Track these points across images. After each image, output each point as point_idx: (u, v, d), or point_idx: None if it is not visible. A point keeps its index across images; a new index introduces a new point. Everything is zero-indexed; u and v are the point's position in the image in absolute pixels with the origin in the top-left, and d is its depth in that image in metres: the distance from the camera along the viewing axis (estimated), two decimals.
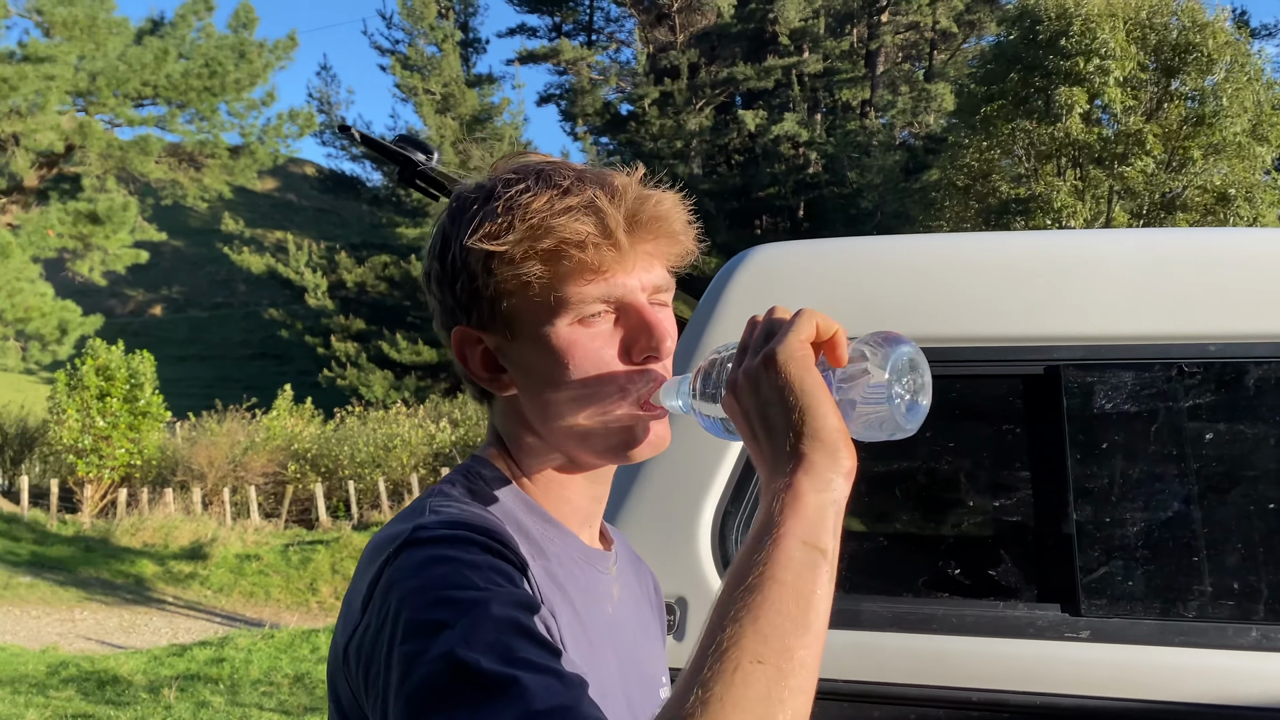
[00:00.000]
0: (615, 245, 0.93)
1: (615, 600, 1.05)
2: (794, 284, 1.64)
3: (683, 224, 1.00)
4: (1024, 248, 1.61)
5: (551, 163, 1.01)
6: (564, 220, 0.93)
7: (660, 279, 0.98)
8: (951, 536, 1.69)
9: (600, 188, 0.95)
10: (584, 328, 0.95)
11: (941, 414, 1.68)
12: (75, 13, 19.96)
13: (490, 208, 0.97)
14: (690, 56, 41.32)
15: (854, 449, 0.80)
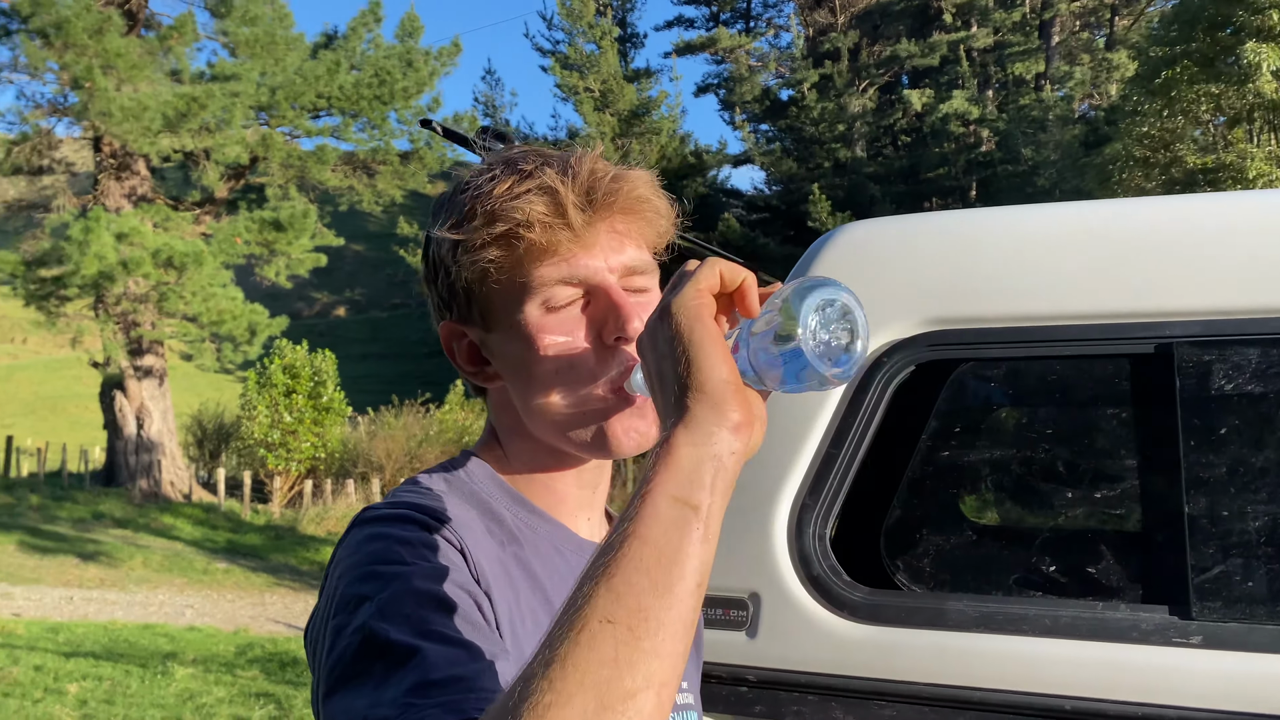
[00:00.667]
0: (569, 225, 0.91)
1: None
2: (885, 261, 1.55)
3: (652, 202, 0.96)
4: (1133, 216, 1.47)
5: (529, 151, 0.99)
6: (515, 203, 0.92)
7: (633, 259, 0.96)
8: (1047, 530, 1.56)
9: (560, 169, 0.93)
10: (552, 313, 0.94)
11: (1040, 397, 1.55)
12: (257, 32, 21.18)
13: (458, 199, 0.97)
14: (851, 38, 40.49)
15: (750, 402, 0.75)
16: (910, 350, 1.46)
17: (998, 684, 1.28)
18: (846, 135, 39.43)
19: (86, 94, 18.60)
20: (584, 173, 0.94)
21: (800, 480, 1.45)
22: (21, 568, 15.76)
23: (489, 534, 0.94)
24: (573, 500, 1.03)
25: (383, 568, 0.80)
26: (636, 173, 0.97)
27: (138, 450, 22.32)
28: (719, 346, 0.75)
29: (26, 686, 8.13)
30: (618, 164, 1.00)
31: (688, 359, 0.74)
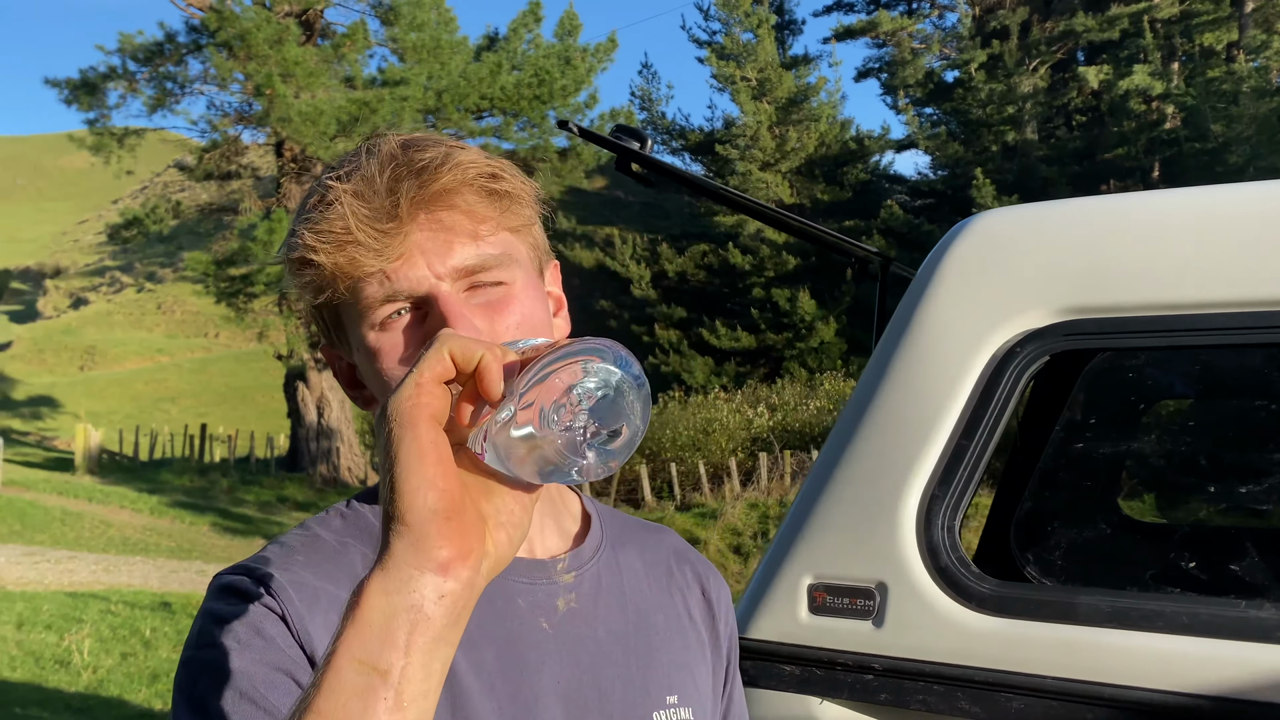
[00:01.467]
0: (360, 241, 0.83)
1: (560, 612, 0.93)
2: (1018, 250, 1.52)
3: (479, 184, 0.86)
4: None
5: (354, 152, 0.90)
6: (306, 226, 0.86)
7: (469, 257, 0.86)
8: (1186, 525, 1.50)
9: (361, 172, 0.85)
10: (384, 331, 0.87)
11: (1181, 388, 1.49)
12: (424, 37, 22.02)
13: (297, 211, 0.92)
14: (1021, 14, 38.89)
15: (468, 532, 0.62)
16: (1044, 340, 1.43)
17: (1130, 680, 1.25)
18: (1016, 116, 37.92)
19: (268, 101, 19.77)
20: (381, 174, 0.85)
21: (929, 471, 1.44)
22: (214, 547, 16.93)
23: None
24: None
25: (193, 652, 0.80)
26: (455, 152, 0.87)
27: (318, 437, 23.61)
28: (428, 462, 0.61)
29: None
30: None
31: (391, 480, 0.61)
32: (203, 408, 43.25)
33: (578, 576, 0.96)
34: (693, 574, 1.07)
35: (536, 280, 0.93)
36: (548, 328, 0.92)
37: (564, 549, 0.98)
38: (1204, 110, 33.98)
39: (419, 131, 0.94)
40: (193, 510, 19.47)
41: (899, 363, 1.52)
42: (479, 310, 0.86)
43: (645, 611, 0.99)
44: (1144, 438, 1.51)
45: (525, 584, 0.92)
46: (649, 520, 1.13)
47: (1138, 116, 37.18)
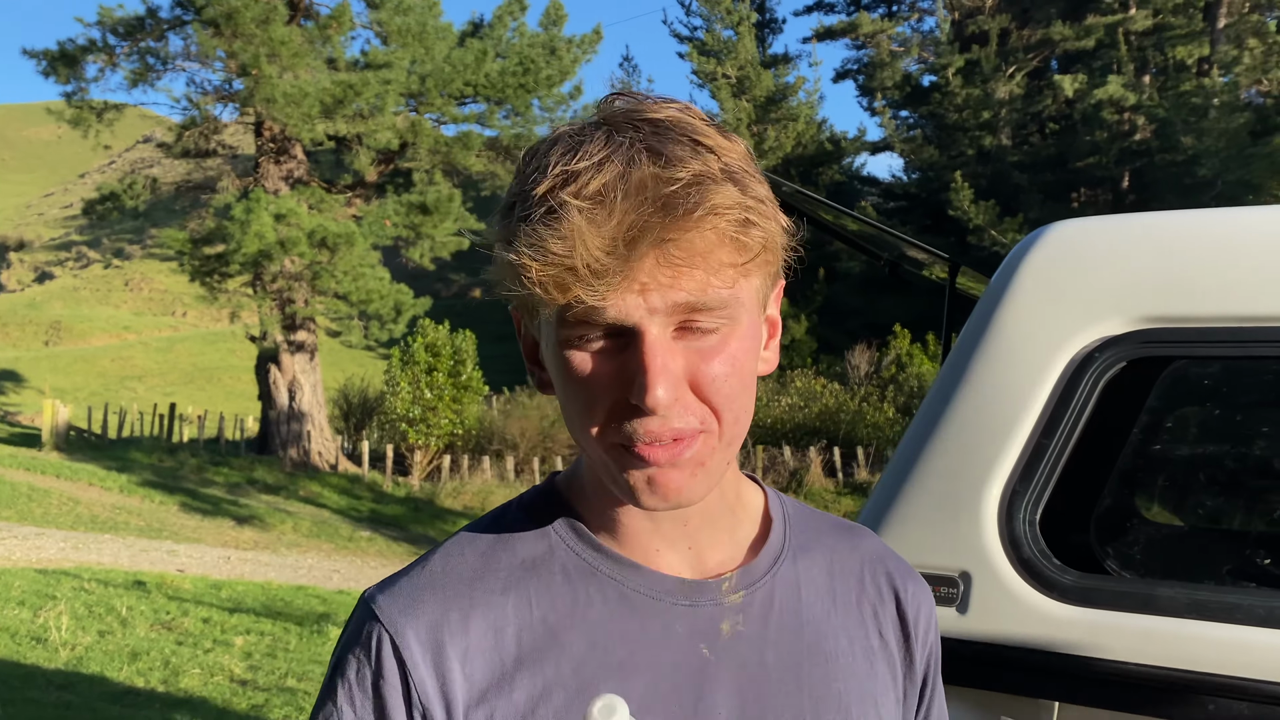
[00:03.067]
0: (591, 275, 0.74)
1: (725, 637, 0.86)
2: (1097, 262, 1.60)
3: (725, 238, 0.76)
4: None
5: (589, 132, 0.79)
6: (523, 239, 0.76)
7: (692, 296, 0.75)
8: (1259, 524, 1.59)
9: (593, 196, 0.74)
10: (576, 350, 0.79)
11: (1254, 396, 1.58)
12: (409, 21, 21.90)
13: (518, 188, 0.81)
14: (1000, 21, 39.27)
15: None
16: (1122, 346, 1.51)
17: (1208, 668, 1.34)
18: (991, 122, 38.31)
19: (252, 81, 19.60)
20: (622, 199, 0.74)
21: (1011, 467, 1.51)
22: (184, 527, 16.81)
23: (528, 605, 0.85)
24: (656, 535, 0.88)
25: (321, 702, 0.83)
26: (710, 186, 0.75)
27: (289, 420, 23.47)
28: None
29: (197, 636, 8.74)
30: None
31: None
32: (169, 387, 42.81)
33: (747, 597, 0.88)
34: (888, 586, 0.97)
35: (757, 320, 0.84)
36: (753, 377, 0.83)
37: (736, 561, 0.90)
38: (1175, 122, 34.46)
39: (664, 104, 0.81)
40: (162, 489, 19.31)
41: (979, 362, 1.59)
42: (683, 355, 0.78)
43: (825, 635, 0.91)
44: (1218, 442, 1.60)
45: (686, 607, 0.86)
46: (837, 518, 1.02)
47: (1110, 126, 37.66)
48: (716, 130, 0.81)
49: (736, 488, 0.92)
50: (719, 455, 0.81)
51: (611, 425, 0.79)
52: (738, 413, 0.81)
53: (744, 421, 0.82)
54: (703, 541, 0.89)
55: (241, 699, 6.83)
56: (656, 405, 0.75)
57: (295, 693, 7.02)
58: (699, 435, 0.79)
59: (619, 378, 0.77)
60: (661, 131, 0.78)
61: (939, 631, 1.02)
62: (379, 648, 0.82)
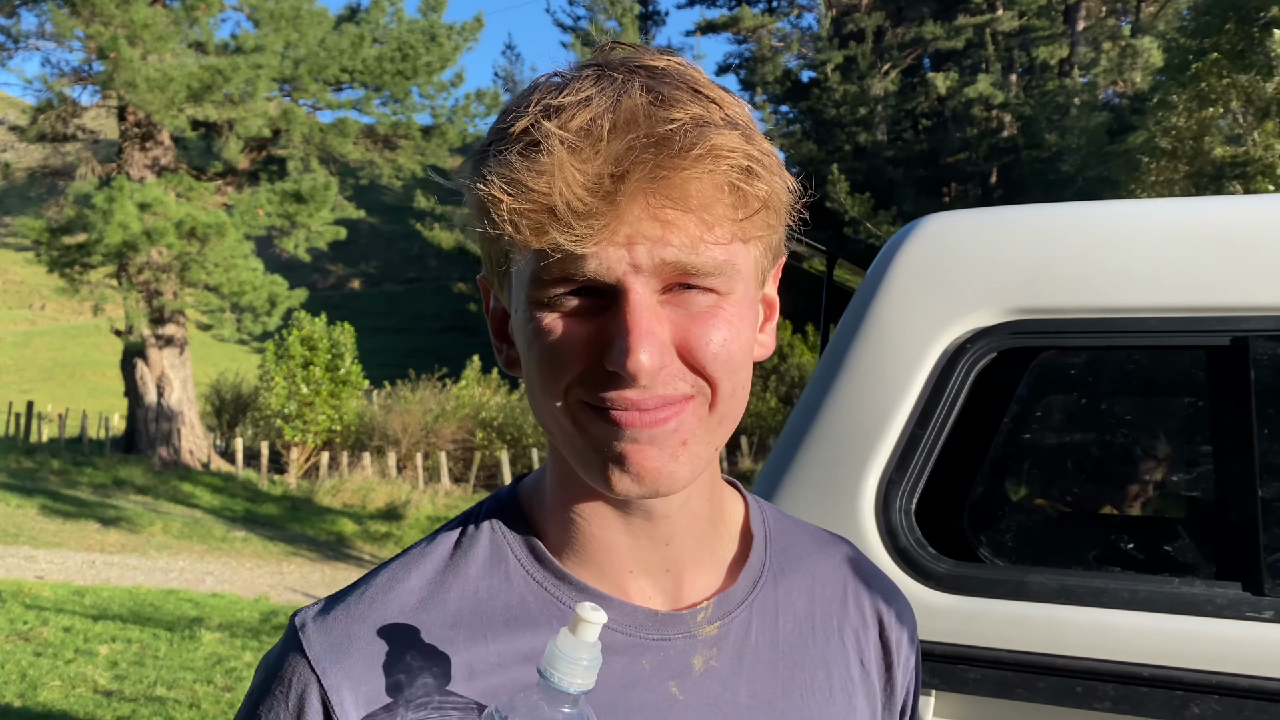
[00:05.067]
0: (572, 216, 0.65)
1: (696, 674, 0.78)
2: (968, 251, 1.62)
3: (725, 187, 0.68)
4: (1209, 213, 1.54)
5: (585, 70, 0.71)
6: (497, 169, 0.68)
7: (682, 254, 0.67)
8: (1123, 511, 1.64)
9: (579, 128, 0.66)
10: (553, 310, 0.70)
11: (1118, 386, 1.63)
12: (282, 5, 21.23)
13: (496, 126, 0.72)
14: (876, 19, 40.29)
15: None
16: (992, 337, 1.54)
17: (1077, 651, 1.37)
18: (868, 118, 39.30)
19: (112, 64, 18.71)
20: (612, 136, 0.65)
21: (886, 457, 1.53)
22: (44, 531, 15.98)
23: (482, 640, 0.76)
24: (616, 554, 0.78)
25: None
26: (711, 130, 0.67)
27: (158, 418, 22.55)
28: None
29: (58, 646, 8.31)
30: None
31: None
32: (27, 384, 40.65)
33: (722, 627, 0.80)
34: (871, 610, 0.90)
35: (754, 293, 0.75)
36: (747, 354, 0.74)
37: (714, 586, 0.82)
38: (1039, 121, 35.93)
39: (664, 54, 0.73)
40: (19, 492, 18.32)
41: (854, 355, 1.60)
42: (671, 321, 0.69)
43: (803, 667, 0.83)
44: (1084, 430, 1.64)
45: (656, 641, 0.78)
46: (819, 529, 0.94)
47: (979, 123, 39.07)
48: (721, 88, 0.73)
49: (720, 496, 0.84)
50: (706, 434, 0.72)
51: (579, 388, 0.70)
52: (735, 386, 0.72)
53: (739, 399, 0.73)
54: (684, 564, 0.80)
55: (106, 711, 6.52)
56: (639, 371, 0.66)
57: (165, 701, 6.74)
58: (687, 403, 0.70)
59: (595, 341, 0.69)
60: (659, 75, 0.70)
61: (920, 652, 0.96)
62: (304, 691, 0.73)
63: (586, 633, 0.65)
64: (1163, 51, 25.79)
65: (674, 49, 0.76)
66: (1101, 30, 40.75)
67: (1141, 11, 39.75)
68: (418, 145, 23.65)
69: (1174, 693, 1.31)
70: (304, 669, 0.74)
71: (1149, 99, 24.37)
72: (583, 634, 0.65)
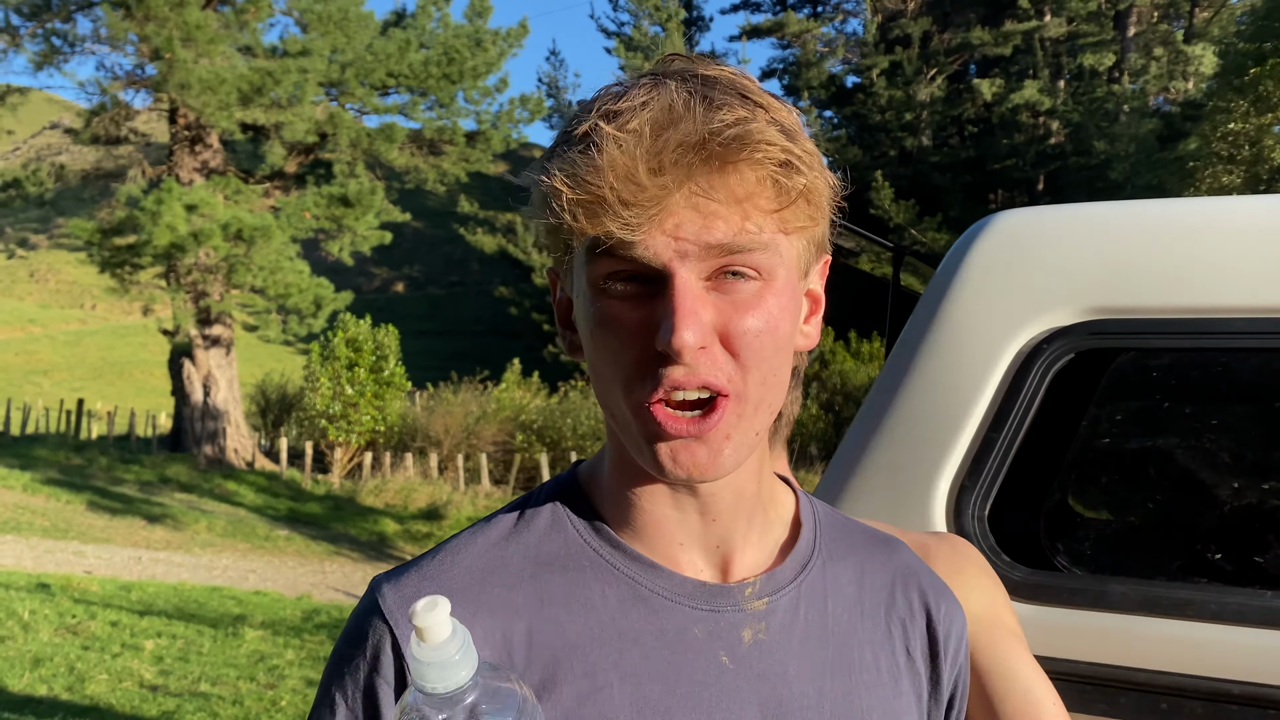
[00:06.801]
0: (620, 205, 0.72)
1: (746, 645, 0.82)
2: (1041, 251, 1.57)
3: (767, 180, 0.74)
4: None
5: (641, 79, 0.78)
6: (556, 165, 0.75)
7: (726, 237, 0.73)
8: (1213, 519, 1.58)
9: (631, 127, 0.73)
10: (607, 296, 0.76)
11: (1206, 390, 1.57)
12: (329, 8, 21.46)
13: (562, 130, 0.80)
14: (922, 24, 39.98)
15: None
16: (1070, 338, 1.48)
17: (1161, 666, 1.31)
18: (913, 124, 38.98)
19: (165, 66, 19.00)
20: (658, 132, 0.72)
21: (959, 462, 1.48)
22: (92, 527, 16.23)
23: (539, 603, 0.81)
24: (666, 528, 0.83)
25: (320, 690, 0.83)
26: (755, 125, 0.73)
27: (203, 417, 22.84)
28: None
29: (104, 641, 8.41)
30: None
31: None
32: (77, 382, 41.40)
33: (770, 604, 0.84)
34: (919, 601, 0.92)
35: (796, 285, 0.80)
36: (789, 342, 0.79)
37: (763, 565, 0.86)
38: (1088, 127, 35.47)
39: (718, 65, 0.80)
40: (68, 488, 18.62)
41: (925, 355, 1.55)
42: (715, 307, 0.75)
43: (851, 647, 0.87)
44: (1168, 434, 1.58)
45: (706, 612, 0.82)
46: (871, 527, 0.98)
47: (1026, 130, 38.63)
48: (772, 95, 0.80)
49: (771, 483, 0.89)
50: (746, 424, 0.78)
51: (637, 380, 0.75)
52: (766, 374, 0.77)
53: (773, 387, 0.79)
54: (732, 541, 0.84)
55: (151, 705, 6.58)
56: (683, 348, 0.72)
57: (209, 698, 6.79)
58: (725, 403, 0.76)
59: (647, 325, 0.74)
60: (711, 83, 0.76)
61: (970, 651, 0.98)
62: (379, 642, 0.80)
63: (428, 635, 0.67)
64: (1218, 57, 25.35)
65: (723, 59, 0.83)
66: (1153, 35, 40.14)
67: (1195, 17, 39.10)
68: (462, 151, 23.79)
69: (1267, 712, 1.25)
70: (379, 622, 0.80)
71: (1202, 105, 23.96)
72: (426, 637, 0.67)
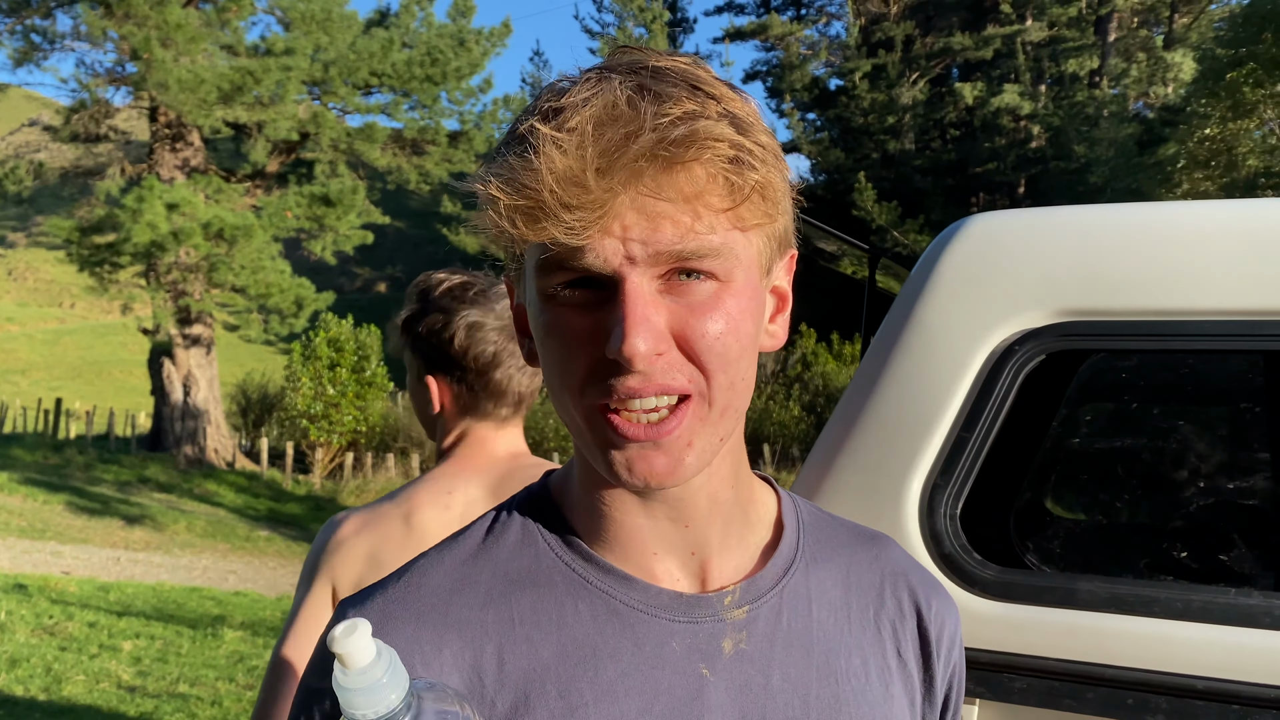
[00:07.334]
0: (562, 209, 0.68)
1: (726, 656, 0.79)
2: (1014, 254, 1.59)
3: (717, 177, 0.70)
4: (1265, 214, 1.50)
5: (584, 76, 0.74)
6: (493, 171, 0.72)
7: (677, 243, 0.69)
8: (1180, 518, 1.60)
9: (569, 125, 0.69)
10: (557, 304, 0.74)
11: (1174, 391, 1.59)
12: (312, 7, 21.38)
13: (505, 132, 0.77)
14: (905, 28, 40.14)
15: None
16: (1041, 339, 1.50)
17: (1127, 662, 1.33)
18: (895, 127, 39.13)
19: (145, 64, 18.88)
20: (599, 130, 0.68)
21: (931, 461, 1.49)
22: (70, 527, 16.11)
23: (510, 622, 0.78)
24: (638, 536, 0.80)
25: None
26: (701, 121, 0.69)
27: (183, 417, 22.71)
28: None
29: (82, 641, 8.35)
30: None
31: None
32: (55, 381, 41.07)
33: (751, 612, 0.81)
34: (909, 600, 0.89)
35: (758, 284, 0.77)
36: (753, 342, 0.76)
37: (744, 571, 0.83)
38: (1068, 131, 35.70)
39: (670, 56, 0.76)
40: (46, 488, 18.48)
41: (898, 357, 1.57)
42: (670, 312, 0.72)
43: (836, 653, 0.83)
44: (1136, 435, 1.61)
45: (684, 624, 0.79)
46: (857, 525, 0.95)
47: (1007, 133, 38.84)
48: (726, 84, 0.75)
49: (749, 486, 0.85)
50: (709, 429, 0.74)
51: (590, 386, 0.72)
52: (733, 378, 0.74)
53: (740, 391, 0.76)
54: (709, 547, 0.81)
55: (130, 706, 6.55)
56: (634, 356, 0.68)
57: (187, 699, 6.76)
58: (685, 407, 0.73)
59: (598, 332, 0.71)
60: (660, 75, 0.72)
61: (964, 649, 0.95)
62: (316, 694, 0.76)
63: (349, 661, 0.64)
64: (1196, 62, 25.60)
65: (685, 53, 0.78)
66: (1134, 41, 40.43)
67: (1175, 23, 39.43)
68: (445, 151, 23.73)
69: (1230, 706, 1.27)
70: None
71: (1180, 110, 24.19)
72: (348, 663, 0.64)
